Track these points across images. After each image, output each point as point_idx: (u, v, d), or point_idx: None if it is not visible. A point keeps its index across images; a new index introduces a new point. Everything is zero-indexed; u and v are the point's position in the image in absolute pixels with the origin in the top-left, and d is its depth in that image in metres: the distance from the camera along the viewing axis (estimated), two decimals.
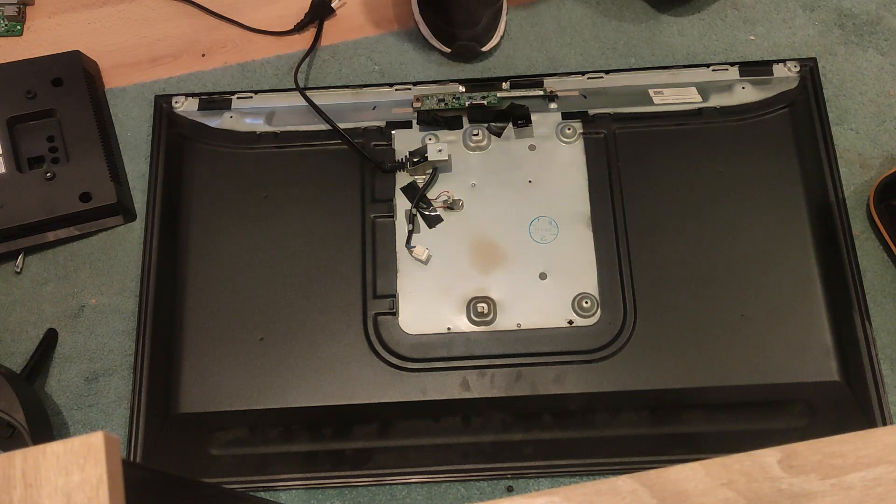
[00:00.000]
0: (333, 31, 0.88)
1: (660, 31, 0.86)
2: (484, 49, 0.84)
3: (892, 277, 0.76)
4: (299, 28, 0.87)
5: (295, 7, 0.88)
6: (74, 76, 0.82)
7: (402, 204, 0.78)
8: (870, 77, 0.83)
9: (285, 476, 0.71)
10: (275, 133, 0.81)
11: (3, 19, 0.88)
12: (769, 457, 0.48)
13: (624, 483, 0.45)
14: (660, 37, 0.86)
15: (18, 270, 0.79)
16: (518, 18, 0.88)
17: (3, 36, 0.89)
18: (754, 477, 0.47)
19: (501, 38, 0.86)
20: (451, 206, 0.77)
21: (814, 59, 0.82)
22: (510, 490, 0.71)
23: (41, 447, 0.35)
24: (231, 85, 0.85)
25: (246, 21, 0.88)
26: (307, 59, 0.86)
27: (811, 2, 0.87)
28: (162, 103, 0.83)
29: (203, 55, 0.88)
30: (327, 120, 0.80)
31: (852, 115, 0.82)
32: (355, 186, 0.78)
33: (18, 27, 0.89)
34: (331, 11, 0.88)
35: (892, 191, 0.76)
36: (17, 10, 0.88)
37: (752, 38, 0.85)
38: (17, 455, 0.35)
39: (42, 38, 0.89)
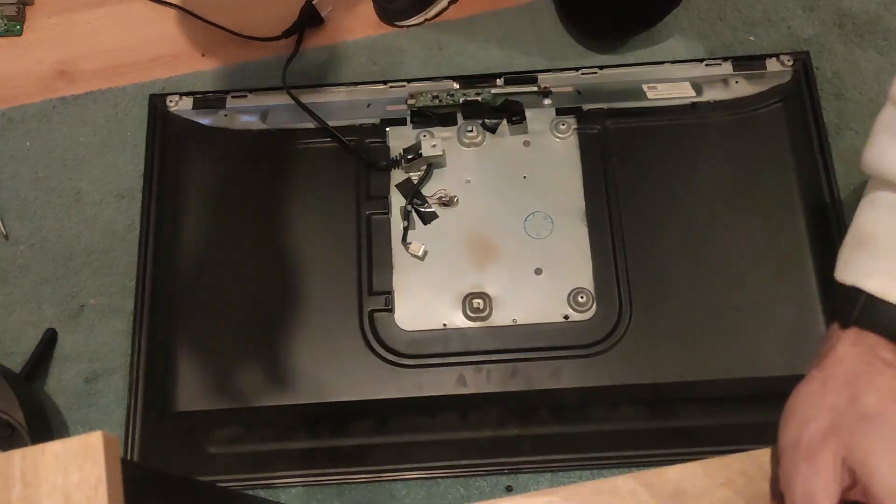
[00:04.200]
0: (334, 32, 0.88)
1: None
2: (400, 24, 0.87)
3: None
4: (287, 34, 0.87)
5: (290, 11, 0.88)
6: None
7: (397, 201, 0.78)
8: (869, 77, 0.83)
9: (283, 473, 0.71)
10: (269, 131, 0.81)
11: (2, 19, 0.89)
12: (768, 456, 0.48)
13: (623, 483, 0.45)
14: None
15: (6, 234, 0.80)
16: (517, 17, 0.88)
17: (3, 36, 0.89)
18: (753, 476, 0.47)
19: (426, 21, 0.88)
20: (446, 202, 0.78)
21: (806, 53, 0.82)
22: (509, 490, 0.71)
23: (40, 447, 0.35)
24: (230, 85, 0.86)
25: (238, 24, 0.88)
26: (295, 62, 0.85)
27: (811, 2, 0.87)
28: (157, 102, 0.83)
29: (202, 55, 0.88)
30: (316, 118, 0.80)
31: (851, 115, 0.82)
32: (350, 183, 0.79)
33: (18, 27, 0.89)
34: (319, 21, 0.88)
35: None
36: (17, 10, 0.88)
37: (751, 38, 0.85)
38: (16, 454, 0.35)
39: (42, 38, 0.89)
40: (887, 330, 0.47)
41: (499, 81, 0.82)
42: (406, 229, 0.76)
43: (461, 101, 0.81)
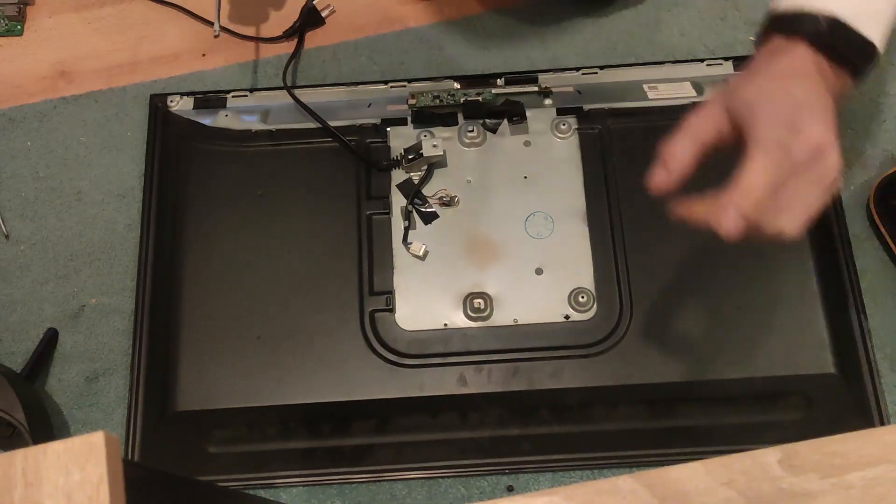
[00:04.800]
0: (334, 32, 0.88)
1: (660, 31, 0.86)
2: None
3: (892, 277, 0.76)
4: (287, 34, 0.87)
5: (290, 11, 0.88)
6: None
7: (398, 201, 0.78)
8: (869, 76, 0.83)
9: (284, 473, 0.71)
10: (270, 131, 0.81)
11: (3, 19, 0.89)
12: (769, 456, 0.48)
13: (624, 483, 0.45)
14: (660, 37, 0.86)
15: (6, 234, 0.80)
16: (517, 17, 0.88)
17: (3, 36, 0.89)
18: (754, 476, 0.47)
19: None
20: (446, 202, 0.78)
21: None
22: (510, 489, 0.71)
23: (41, 447, 0.35)
24: (232, 84, 0.85)
25: (238, 24, 0.88)
26: (295, 61, 0.86)
27: None
28: (157, 102, 0.83)
29: (203, 55, 0.88)
30: (317, 118, 0.80)
31: (852, 115, 0.82)
32: (351, 183, 0.79)
33: (18, 27, 0.89)
34: (320, 21, 0.88)
35: (892, 191, 0.76)
36: (17, 9, 0.88)
37: (751, 38, 0.85)
38: (18, 454, 0.35)
39: (42, 38, 0.89)
40: (790, 30, 0.56)
41: (499, 81, 0.82)
42: (407, 229, 0.76)
43: (462, 101, 0.81)
